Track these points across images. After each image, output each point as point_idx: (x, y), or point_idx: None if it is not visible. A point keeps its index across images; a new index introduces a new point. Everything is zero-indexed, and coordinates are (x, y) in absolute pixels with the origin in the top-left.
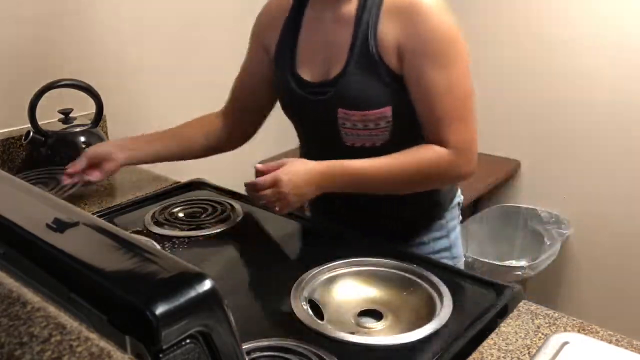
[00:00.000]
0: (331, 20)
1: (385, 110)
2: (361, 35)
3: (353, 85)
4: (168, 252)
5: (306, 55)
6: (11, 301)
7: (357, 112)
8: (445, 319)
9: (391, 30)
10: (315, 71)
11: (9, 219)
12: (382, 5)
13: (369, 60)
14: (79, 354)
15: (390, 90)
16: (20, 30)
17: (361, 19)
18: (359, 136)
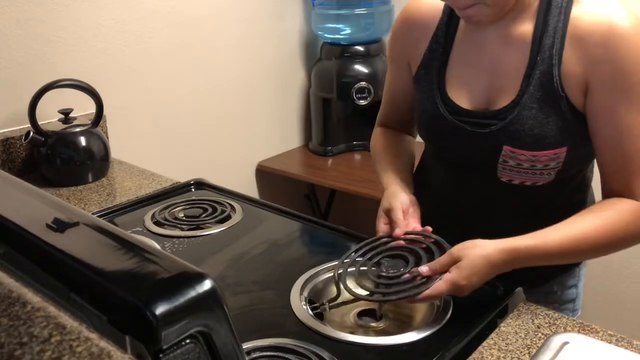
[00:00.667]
0: (497, 40)
1: (560, 151)
2: (542, 62)
3: (528, 121)
4: (168, 252)
5: (459, 77)
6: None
7: (527, 151)
8: (445, 319)
9: (578, 58)
10: (472, 98)
11: (9, 219)
12: (567, 28)
13: (551, 93)
14: (79, 354)
15: (569, 129)
16: (20, 30)
17: (541, 44)
18: (520, 174)
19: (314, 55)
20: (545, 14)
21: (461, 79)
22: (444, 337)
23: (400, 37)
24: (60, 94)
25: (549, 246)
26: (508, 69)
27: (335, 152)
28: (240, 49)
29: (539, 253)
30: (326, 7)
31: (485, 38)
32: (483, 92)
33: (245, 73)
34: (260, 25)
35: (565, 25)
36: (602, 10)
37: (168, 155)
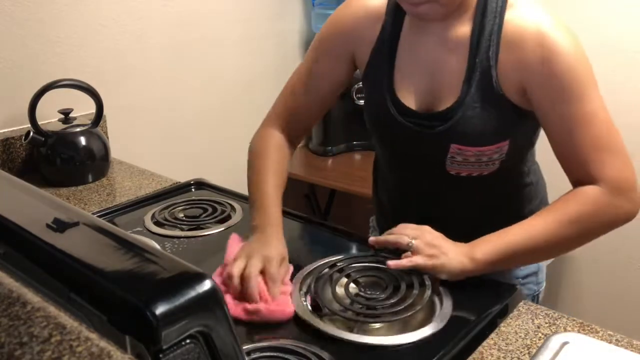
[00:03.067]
0: (437, 43)
1: (503, 144)
2: (481, 64)
3: (471, 120)
4: (168, 252)
5: (406, 80)
6: (11, 301)
7: (473, 148)
8: (446, 319)
9: (512, 62)
10: (418, 100)
11: (9, 219)
12: (501, 32)
13: (490, 92)
14: (79, 354)
15: (510, 124)
16: (20, 30)
17: (478, 46)
18: (467, 167)
19: None
20: (481, 17)
21: (407, 80)
22: (444, 337)
23: (347, 31)
24: (60, 94)
25: (511, 242)
26: (449, 70)
27: (335, 152)
28: (240, 49)
29: (506, 246)
30: (326, 7)
31: (427, 40)
32: (427, 93)
33: (246, 73)
34: (260, 25)
35: (499, 28)
36: (532, 16)
37: (168, 155)
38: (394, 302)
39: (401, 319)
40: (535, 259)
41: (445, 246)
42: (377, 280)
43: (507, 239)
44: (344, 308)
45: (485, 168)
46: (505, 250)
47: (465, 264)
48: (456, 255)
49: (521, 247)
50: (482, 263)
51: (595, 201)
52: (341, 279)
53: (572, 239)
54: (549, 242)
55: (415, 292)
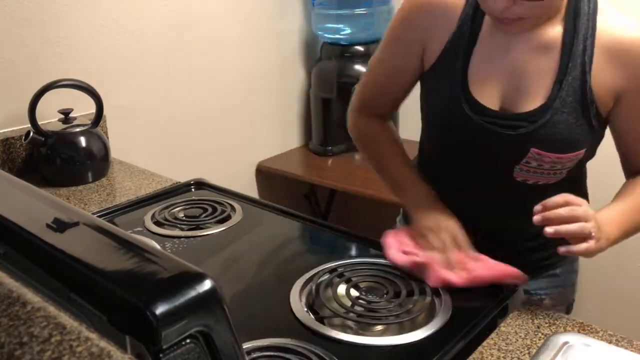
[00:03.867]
0: (525, 42)
1: (581, 153)
2: (574, 68)
3: (558, 125)
4: (168, 252)
5: (483, 76)
6: (11, 301)
7: (553, 154)
8: (446, 319)
9: (611, 70)
10: (496, 98)
11: (9, 219)
12: (595, 37)
13: (581, 98)
14: (79, 354)
15: (592, 133)
16: (20, 30)
17: (572, 49)
18: (536, 174)
19: (314, 55)
20: (573, 19)
21: (485, 78)
22: (444, 337)
23: (419, 19)
24: (60, 94)
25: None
26: (536, 72)
27: (335, 152)
28: (240, 49)
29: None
30: (326, 7)
31: (513, 39)
32: (508, 93)
33: (245, 73)
34: (260, 26)
35: (593, 33)
36: (628, 24)
37: (168, 155)
38: (394, 306)
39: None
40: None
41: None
42: (378, 286)
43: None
44: (345, 311)
45: (554, 177)
46: (626, 228)
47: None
48: (605, 235)
49: (632, 221)
50: (612, 242)
51: None
52: (341, 283)
53: None
54: None
55: (415, 298)
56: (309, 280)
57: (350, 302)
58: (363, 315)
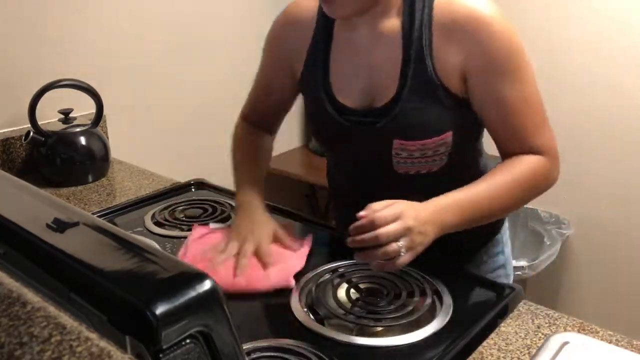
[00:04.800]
0: (369, 38)
1: (446, 136)
2: (415, 55)
3: (411, 113)
4: (168, 252)
5: (342, 78)
6: (11, 301)
7: (416, 141)
8: (446, 319)
9: (450, 49)
10: (356, 97)
11: (9, 219)
12: (432, 20)
13: (428, 84)
14: (79, 354)
15: (451, 114)
16: (20, 30)
17: (411, 38)
18: (414, 164)
19: None
20: (410, 8)
21: (343, 78)
22: (444, 337)
23: (282, 39)
24: (60, 94)
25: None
26: (384, 65)
27: None
28: (240, 49)
29: (467, 202)
30: None
31: (359, 36)
32: (365, 89)
33: (245, 73)
34: (260, 26)
35: (430, 16)
36: (464, 1)
37: (168, 155)
38: (395, 308)
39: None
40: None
41: (427, 229)
42: (378, 287)
43: (467, 199)
44: (345, 312)
45: (433, 164)
46: (464, 213)
47: (437, 233)
48: (432, 231)
49: (479, 206)
50: (447, 229)
51: (539, 165)
52: (342, 284)
53: (522, 197)
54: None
55: (416, 299)
56: (309, 281)
57: (351, 303)
58: (363, 317)
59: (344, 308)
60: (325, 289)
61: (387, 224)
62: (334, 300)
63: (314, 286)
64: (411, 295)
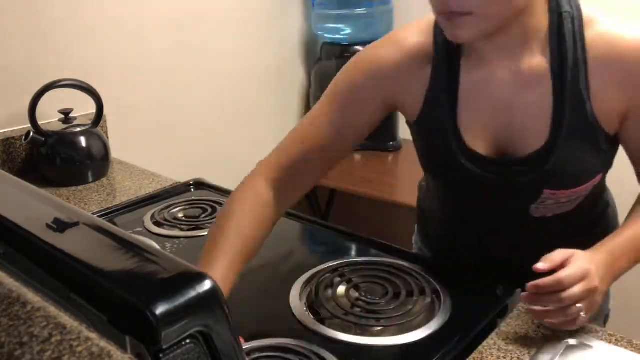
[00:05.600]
0: (509, 76)
1: (598, 179)
2: (570, 99)
3: (566, 162)
4: (168, 252)
5: (474, 123)
6: (11, 301)
7: (569, 190)
8: (445, 319)
9: (610, 88)
10: (491, 144)
11: (9, 219)
12: (587, 57)
13: (586, 130)
14: (79, 354)
15: (604, 157)
16: (20, 30)
17: (562, 77)
18: (554, 207)
19: (314, 55)
20: (558, 43)
21: (476, 124)
22: (444, 337)
23: (385, 77)
24: (60, 94)
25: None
26: (529, 109)
27: None
28: (240, 49)
29: (628, 246)
30: (326, 7)
31: (496, 76)
32: (504, 136)
33: (246, 73)
34: (260, 26)
35: (584, 53)
36: (620, 28)
37: (168, 155)
38: (394, 307)
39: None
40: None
41: (609, 284)
42: (378, 286)
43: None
44: (344, 311)
45: (570, 206)
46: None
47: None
48: (608, 284)
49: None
50: (618, 275)
51: None
52: (342, 283)
53: None
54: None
55: (416, 298)
56: (309, 280)
57: (350, 303)
58: (363, 316)
59: (343, 308)
60: (325, 288)
61: (574, 285)
62: (334, 300)
63: (313, 286)
64: (411, 294)
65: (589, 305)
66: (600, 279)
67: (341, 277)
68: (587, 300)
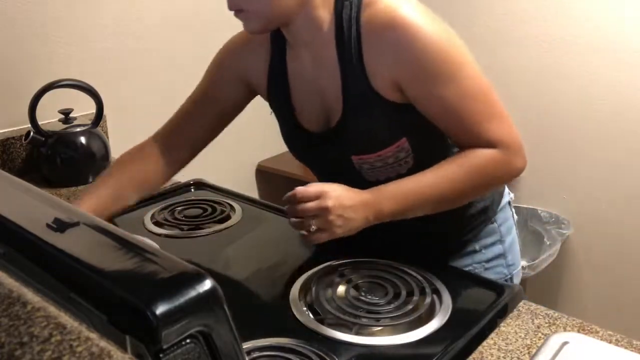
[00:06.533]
0: (313, 65)
1: (400, 143)
2: (350, 74)
3: (358, 129)
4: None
5: (301, 104)
6: (11, 301)
7: (371, 154)
8: (445, 319)
9: (379, 61)
10: (315, 120)
11: (9, 219)
12: (360, 37)
13: (367, 99)
14: (79, 354)
15: (399, 122)
16: (19, 31)
17: (344, 58)
18: (381, 171)
19: None
20: (339, 28)
21: (302, 105)
22: (444, 337)
23: (239, 54)
24: (60, 94)
25: (409, 188)
26: (329, 87)
27: None
28: None
29: (404, 193)
30: None
31: (303, 63)
32: (320, 113)
33: None
34: None
35: (358, 33)
36: (385, 8)
37: None
38: (394, 307)
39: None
40: (436, 208)
41: (350, 215)
42: (378, 286)
43: (412, 188)
44: (344, 311)
45: (400, 168)
46: (407, 201)
47: (370, 221)
48: (361, 217)
49: (424, 195)
50: (386, 217)
51: (493, 157)
52: (342, 283)
53: (473, 187)
54: (451, 190)
55: (416, 298)
56: (308, 280)
57: (350, 303)
58: (363, 316)
59: (343, 308)
60: (325, 288)
61: (309, 200)
62: (334, 300)
63: (313, 285)
64: (411, 294)
65: (322, 222)
66: (339, 204)
67: (341, 277)
68: (320, 218)
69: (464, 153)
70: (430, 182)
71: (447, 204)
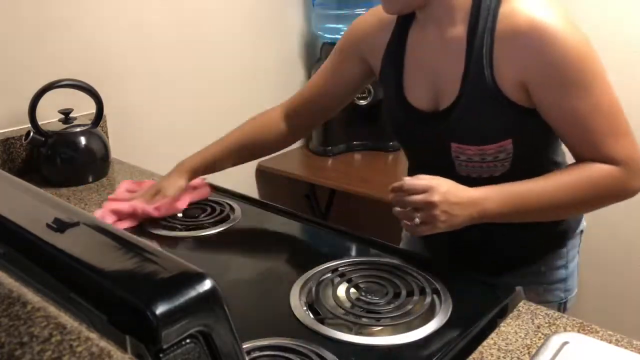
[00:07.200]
0: (439, 43)
1: (505, 143)
2: (475, 63)
3: (468, 119)
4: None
5: (413, 79)
6: (11, 301)
7: (473, 146)
8: (445, 319)
9: (510, 59)
10: (425, 98)
11: (9, 219)
12: (495, 29)
13: (486, 92)
14: (79, 354)
15: (511, 123)
16: (20, 30)
17: (473, 45)
18: (475, 168)
19: (314, 55)
20: (475, 16)
21: (414, 80)
22: (444, 337)
23: (364, 33)
24: (60, 94)
25: (519, 191)
26: (448, 70)
27: (335, 152)
28: (240, 49)
29: (514, 195)
30: (326, 7)
31: (427, 42)
32: (430, 93)
33: (245, 73)
34: (260, 26)
35: (493, 25)
36: (525, 8)
37: (168, 155)
38: (394, 307)
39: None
40: (542, 216)
41: (455, 211)
42: (378, 286)
43: (520, 192)
44: (344, 311)
45: (494, 169)
46: (515, 205)
47: (474, 218)
48: (465, 215)
49: (532, 202)
50: (490, 217)
51: (611, 173)
52: (341, 283)
53: (583, 200)
54: (560, 200)
55: (416, 298)
56: (309, 280)
57: (350, 302)
58: (363, 316)
59: (343, 307)
60: (325, 288)
61: (416, 193)
62: (334, 300)
63: (314, 285)
64: (411, 294)
65: (425, 216)
66: (445, 200)
67: (341, 277)
68: (425, 212)
69: (581, 165)
70: (540, 189)
71: (553, 213)
